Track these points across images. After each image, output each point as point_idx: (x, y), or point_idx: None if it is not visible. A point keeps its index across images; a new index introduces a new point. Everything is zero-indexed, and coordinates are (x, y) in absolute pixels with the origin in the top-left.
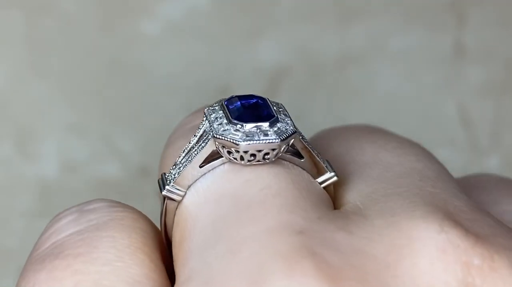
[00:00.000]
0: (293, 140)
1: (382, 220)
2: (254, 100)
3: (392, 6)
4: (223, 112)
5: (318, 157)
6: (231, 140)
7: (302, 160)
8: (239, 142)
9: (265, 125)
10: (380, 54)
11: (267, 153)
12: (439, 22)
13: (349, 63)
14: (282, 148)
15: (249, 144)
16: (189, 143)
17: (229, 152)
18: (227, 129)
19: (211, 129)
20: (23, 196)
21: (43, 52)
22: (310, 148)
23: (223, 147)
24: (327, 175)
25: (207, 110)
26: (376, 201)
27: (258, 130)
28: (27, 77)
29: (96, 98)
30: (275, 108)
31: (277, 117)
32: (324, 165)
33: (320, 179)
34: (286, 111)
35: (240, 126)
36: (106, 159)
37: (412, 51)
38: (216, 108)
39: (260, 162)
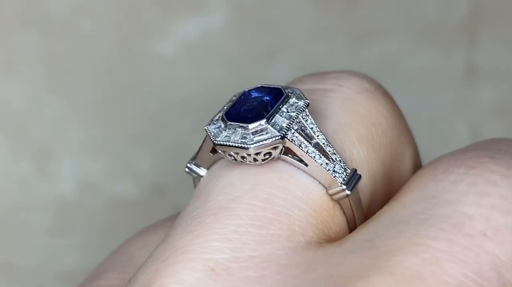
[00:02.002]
0: (280, 145)
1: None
2: (255, 94)
3: (405, 27)
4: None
5: (325, 165)
6: (209, 133)
7: (308, 167)
8: (214, 140)
9: (248, 126)
10: (392, 75)
11: (244, 157)
12: (451, 43)
13: None
14: (260, 154)
15: (221, 144)
16: None
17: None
18: (214, 119)
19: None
20: (39, 214)
21: (60, 72)
22: (315, 155)
23: None
24: (337, 188)
25: (236, 94)
26: (368, 243)
27: (238, 131)
28: (44, 97)
29: (113, 117)
30: (284, 106)
31: (267, 119)
32: (332, 176)
33: (331, 191)
34: (302, 110)
35: (222, 123)
36: (122, 178)
37: (424, 72)
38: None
39: (250, 163)
